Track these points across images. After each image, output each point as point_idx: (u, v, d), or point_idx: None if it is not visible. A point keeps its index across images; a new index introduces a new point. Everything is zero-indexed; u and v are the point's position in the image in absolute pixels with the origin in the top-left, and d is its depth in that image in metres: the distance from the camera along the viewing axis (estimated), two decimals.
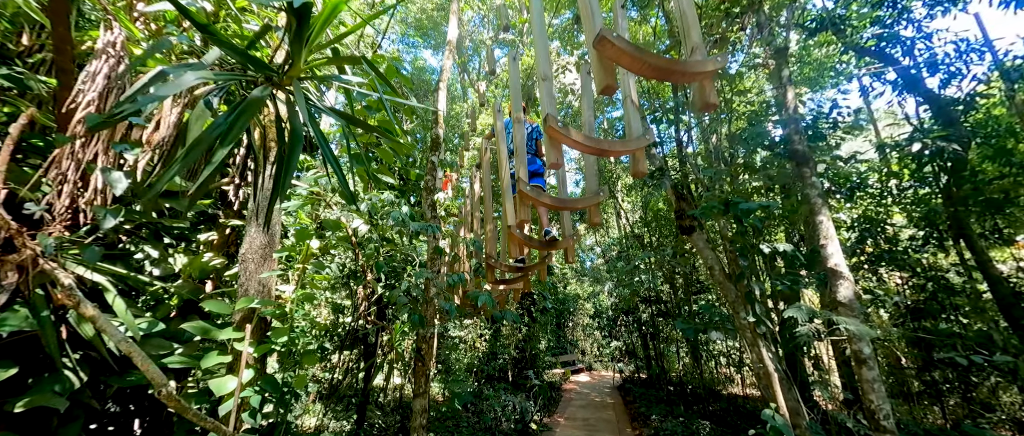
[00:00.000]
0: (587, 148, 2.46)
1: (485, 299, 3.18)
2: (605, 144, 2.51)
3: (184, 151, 1.34)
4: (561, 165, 2.37)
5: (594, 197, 3.01)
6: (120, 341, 1.77)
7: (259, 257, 3.12)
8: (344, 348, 5.31)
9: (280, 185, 1.36)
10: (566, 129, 2.37)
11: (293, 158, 1.42)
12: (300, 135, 1.46)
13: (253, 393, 2.65)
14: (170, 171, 1.31)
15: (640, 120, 2.72)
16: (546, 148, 2.43)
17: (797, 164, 3.80)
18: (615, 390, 13.22)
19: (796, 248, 3.61)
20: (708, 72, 1.97)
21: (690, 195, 4.72)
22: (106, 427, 3.76)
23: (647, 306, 12.10)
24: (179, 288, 3.63)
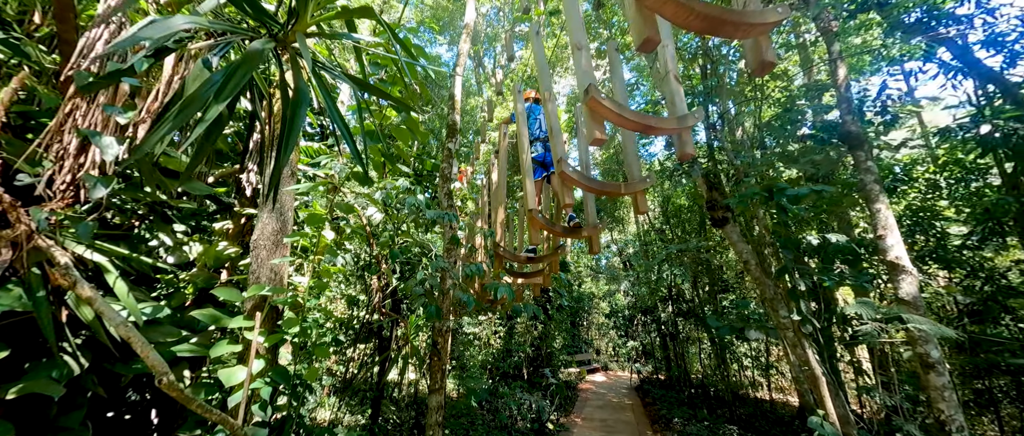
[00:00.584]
0: (632, 124, 2.22)
1: (504, 291, 2.99)
2: (651, 120, 2.27)
3: (176, 109, 1.18)
4: (604, 140, 2.14)
5: (641, 182, 2.77)
6: (119, 325, 1.65)
7: (271, 244, 3.00)
8: (359, 341, 5.21)
9: (284, 148, 1.19)
10: (611, 101, 2.14)
11: (297, 119, 1.25)
12: (304, 94, 1.28)
13: (263, 384, 2.53)
14: (160, 130, 1.15)
15: (683, 98, 2.47)
16: (587, 123, 2.22)
17: (850, 147, 3.46)
18: (633, 391, 12.88)
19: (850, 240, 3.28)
20: (768, 24, 1.70)
21: (721, 185, 4.41)
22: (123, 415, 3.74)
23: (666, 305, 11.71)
24: (193, 276, 3.56)
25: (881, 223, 3.14)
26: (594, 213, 3.66)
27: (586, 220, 3.73)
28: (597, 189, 2.74)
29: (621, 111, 2.18)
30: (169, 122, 1.17)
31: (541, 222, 3.25)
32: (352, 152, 1.43)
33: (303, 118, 1.24)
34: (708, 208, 4.14)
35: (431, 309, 2.88)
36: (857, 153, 3.40)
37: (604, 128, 2.23)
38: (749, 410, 8.48)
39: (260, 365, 2.58)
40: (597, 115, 2.21)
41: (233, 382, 2.40)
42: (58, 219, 1.75)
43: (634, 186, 2.63)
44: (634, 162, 2.78)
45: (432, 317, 2.85)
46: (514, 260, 3.96)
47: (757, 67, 1.70)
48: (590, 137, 2.19)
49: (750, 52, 1.75)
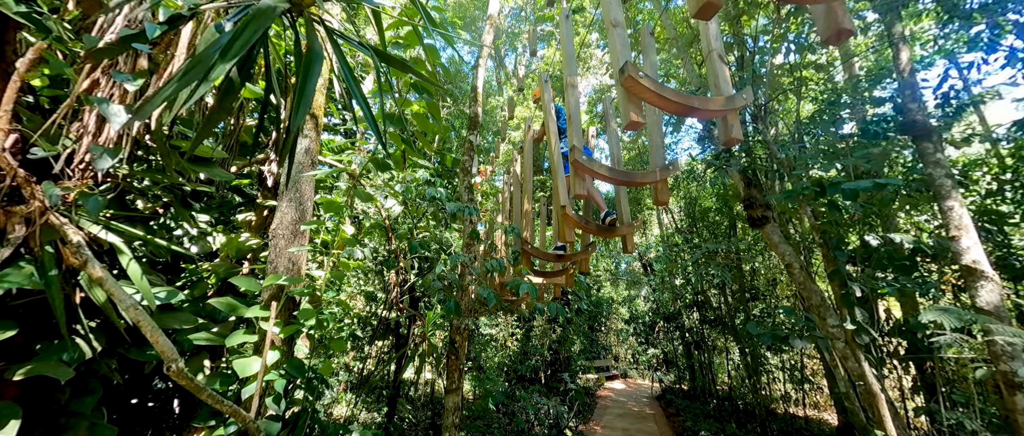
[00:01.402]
0: (673, 105, 2.02)
1: (527, 288, 2.82)
2: (695, 101, 2.06)
3: (182, 69, 1.07)
4: (642, 124, 1.95)
5: (664, 171, 2.56)
6: (129, 307, 1.58)
7: (289, 233, 2.94)
8: (376, 338, 5.15)
9: (296, 110, 1.07)
10: (649, 80, 1.95)
11: (309, 80, 1.13)
12: (317, 54, 1.16)
13: (278, 377, 2.45)
14: (164, 91, 1.05)
15: (728, 78, 2.25)
16: (622, 104, 2.03)
17: (915, 138, 3.12)
18: (654, 400, 12.40)
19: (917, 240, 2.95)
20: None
21: (760, 182, 4.10)
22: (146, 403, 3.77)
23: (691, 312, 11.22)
24: (216, 267, 3.56)
25: (954, 222, 2.79)
26: (628, 211, 3.45)
27: (621, 218, 3.52)
28: (615, 178, 2.54)
29: (660, 91, 1.98)
30: (174, 83, 1.07)
31: (575, 219, 3.06)
32: (370, 123, 1.30)
33: (315, 80, 1.12)
34: (746, 207, 3.84)
35: (450, 304, 2.75)
36: (924, 145, 3.06)
37: (641, 110, 2.04)
38: (781, 426, 7.96)
39: (275, 356, 2.51)
40: (634, 96, 2.02)
41: (247, 373, 2.33)
42: (75, 198, 1.70)
43: (656, 174, 2.41)
44: (658, 151, 2.56)
45: (450, 313, 2.72)
46: (543, 258, 3.78)
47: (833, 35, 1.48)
48: (626, 120, 2.00)
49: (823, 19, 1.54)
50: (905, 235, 2.78)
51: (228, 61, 1.07)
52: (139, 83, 1.47)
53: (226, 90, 1.31)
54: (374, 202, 2.82)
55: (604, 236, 3.50)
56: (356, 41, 1.43)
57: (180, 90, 1.09)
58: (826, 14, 1.54)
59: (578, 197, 2.55)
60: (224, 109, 1.29)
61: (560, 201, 2.98)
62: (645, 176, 2.63)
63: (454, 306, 2.76)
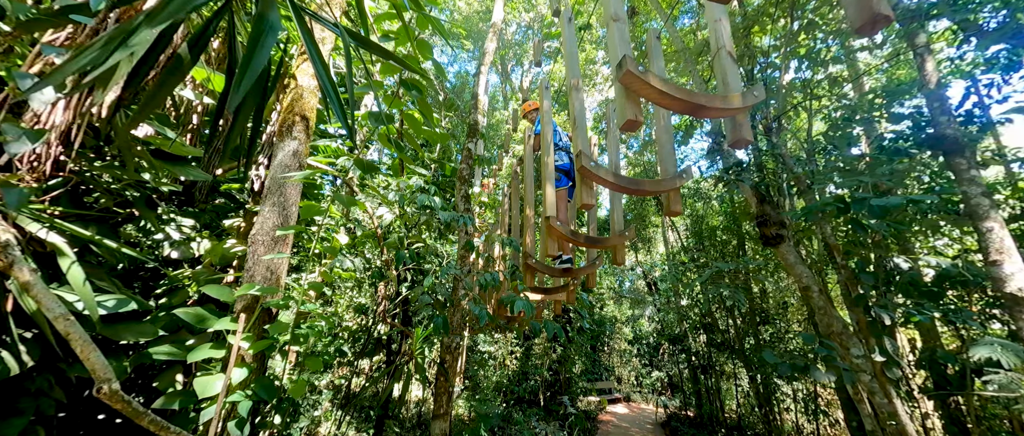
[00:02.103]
0: (677, 103, 1.83)
1: (523, 306, 2.59)
2: (701, 98, 1.87)
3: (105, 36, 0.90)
4: (641, 123, 1.76)
5: (676, 179, 2.35)
6: (58, 317, 1.38)
7: (270, 239, 2.75)
8: (365, 353, 4.89)
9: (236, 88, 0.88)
10: (651, 75, 1.77)
11: (257, 55, 0.95)
12: (271, 24, 0.98)
13: (244, 398, 2.21)
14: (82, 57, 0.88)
15: (738, 77, 2.07)
16: (620, 103, 1.85)
17: (945, 154, 2.90)
18: (659, 427, 11.83)
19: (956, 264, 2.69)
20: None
21: (773, 199, 3.87)
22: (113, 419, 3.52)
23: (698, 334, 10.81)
24: (196, 274, 3.37)
25: (995, 246, 2.54)
26: (621, 220, 3.24)
27: (613, 228, 3.31)
28: (624, 187, 2.33)
29: (663, 86, 1.79)
30: (94, 50, 0.89)
31: (560, 231, 2.86)
32: (336, 110, 1.12)
33: (266, 54, 0.95)
34: (759, 224, 3.61)
35: (438, 321, 2.52)
36: (956, 161, 2.83)
37: (641, 109, 1.85)
38: None
39: (242, 375, 2.28)
40: (633, 93, 1.84)
41: (208, 393, 2.10)
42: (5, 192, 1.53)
43: (667, 183, 2.21)
44: (668, 157, 2.36)
45: (438, 331, 2.49)
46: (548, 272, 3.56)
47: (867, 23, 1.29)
48: (622, 119, 1.81)
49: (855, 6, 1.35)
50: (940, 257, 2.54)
51: (154, 25, 0.89)
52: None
53: (171, 67, 1.14)
54: (360, 207, 2.64)
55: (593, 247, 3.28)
56: (326, 19, 1.27)
57: (102, 57, 0.91)
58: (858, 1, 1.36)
59: (585, 207, 2.35)
60: (168, 87, 1.12)
61: (546, 212, 2.79)
62: (655, 185, 2.43)
63: (443, 323, 2.53)
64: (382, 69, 2.60)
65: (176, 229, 3.65)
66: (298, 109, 3.20)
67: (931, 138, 3.06)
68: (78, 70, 0.89)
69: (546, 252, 3.11)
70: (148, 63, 1.24)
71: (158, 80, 1.07)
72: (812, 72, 4.99)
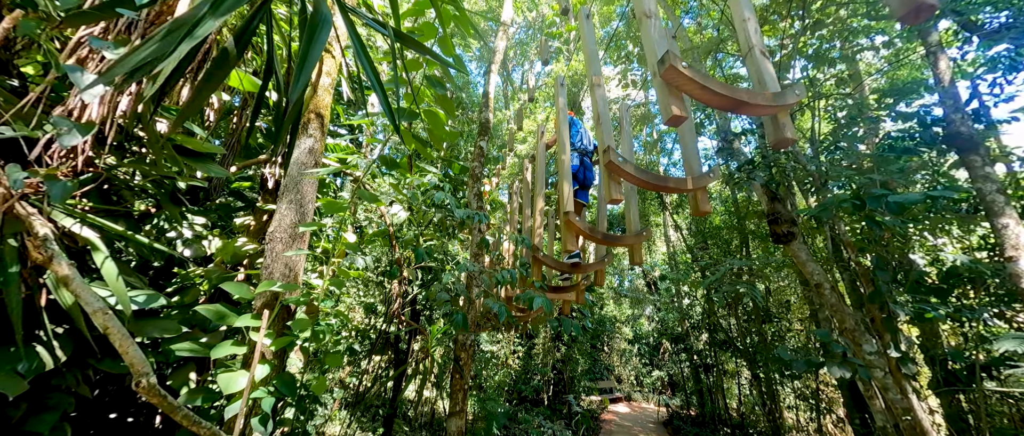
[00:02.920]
0: (720, 99, 1.84)
1: (542, 302, 2.60)
2: (744, 95, 1.88)
3: (163, 30, 0.91)
4: (685, 118, 1.78)
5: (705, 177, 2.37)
6: (97, 311, 1.38)
7: (288, 236, 2.75)
8: (374, 352, 4.89)
9: (296, 81, 0.89)
10: (694, 71, 1.79)
11: (313, 49, 0.96)
12: (326, 19, 0.99)
13: (266, 394, 2.21)
14: (141, 51, 0.88)
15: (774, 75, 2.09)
16: (662, 98, 1.87)
17: (959, 151, 2.94)
18: (661, 426, 11.87)
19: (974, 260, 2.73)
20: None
21: (784, 196, 3.90)
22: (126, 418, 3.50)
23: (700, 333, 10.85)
24: (209, 272, 3.36)
25: (1011, 241, 2.57)
26: (637, 220, 3.26)
27: (629, 227, 3.33)
28: (650, 183, 2.35)
29: (706, 82, 1.80)
30: (154, 42, 0.90)
31: (579, 226, 2.87)
32: (383, 105, 1.13)
33: (320, 47, 0.96)
34: (770, 222, 3.64)
35: (457, 317, 2.53)
36: (970, 158, 2.87)
37: (684, 104, 1.86)
38: None
39: (265, 371, 2.28)
40: (676, 89, 1.86)
41: (232, 390, 2.10)
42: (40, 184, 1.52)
43: (695, 182, 2.23)
44: (693, 156, 2.38)
45: (457, 327, 2.50)
46: (557, 267, 3.58)
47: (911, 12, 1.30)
48: (667, 114, 1.83)
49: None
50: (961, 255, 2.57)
51: (218, 16, 0.90)
52: (120, 51, 1.31)
53: (219, 60, 1.15)
54: (378, 204, 2.64)
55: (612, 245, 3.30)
56: (370, 17, 1.27)
57: (161, 51, 0.92)
58: None
59: (614, 201, 2.37)
60: (215, 80, 1.12)
61: (564, 208, 2.80)
62: (681, 183, 2.44)
63: (462, 319, 2.54)
64: (407, 64, 2.61)
65: (189, 227, 3.65)
66: (313, 106, 3.20)
67: (946, 136, 3.09)
68: (140, 62, 0.89)
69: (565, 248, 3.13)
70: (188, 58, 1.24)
71: (206, 74, 1.08)
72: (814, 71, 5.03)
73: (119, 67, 0.87)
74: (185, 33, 0.88)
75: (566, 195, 3.06)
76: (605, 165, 2.31)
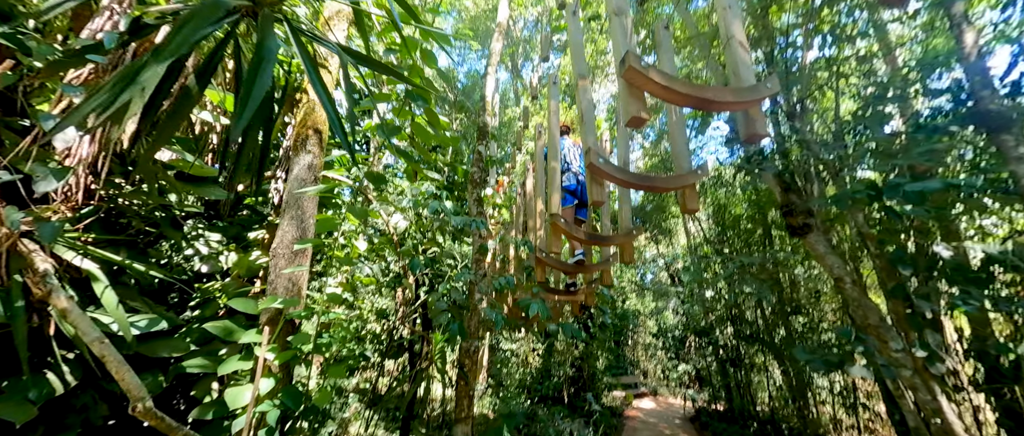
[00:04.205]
0: (683, 98, 1.77)
1: (538, 308, 2.57)
2: (709, 92, 1.80)
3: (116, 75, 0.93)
4: (647, 120, 1.71)
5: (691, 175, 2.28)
6: (94, 341, 1.46)
7: (289, 252, 2.84)
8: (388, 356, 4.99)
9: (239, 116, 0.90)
10: (655, 70, 1.71)
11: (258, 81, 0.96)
12: (269, 51, 0.99)
13: (272, 407, 2.30)
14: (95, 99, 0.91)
15: (751, 68, 1.97)
16: (624, 99, 1.80)
17: (990, 131, 2.68)
18: (687, 422, 11.60)
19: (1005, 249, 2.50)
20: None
21: (799, 187, 3.69)
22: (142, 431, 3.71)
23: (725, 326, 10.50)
24: (226, 286, 3.52)
25: None
26: (629, 218, 3.16)
27: (622, 225, 3.24)
28: (634, 183, 2.27)
29: (669, 82, 1.72)
30: (105, 90, 0.92)
31: (563, 228, 2.82)
32: (333, 125, 1.13)
33: (266, 80, 0.96)
34: (784, 214, 3.45)
35: (453, 327, 2.54)
36: (1002, 138, 2.61)
37: (645, 104, 1.79)
38: None
39: (269, 385, 2.36)
40: (636, 89, 1.78)
41: (237, 404, 2.19)
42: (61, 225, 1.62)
43: (682, 179, 2.13)
44: (683, 152, 2.28)
45: (452, 337, 2.51)
46: (560, 268, 3.55)
47: None
48: (627, 116, 1.76)
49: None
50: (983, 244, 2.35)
51: (161, 62, 0.92)
52: None
53: (182, 96, 1.17)
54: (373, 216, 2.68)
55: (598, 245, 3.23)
56: (324, 40, 1.27)
57: (113, 99, 0.94)
58: None
59: (596, 205, 2.31)
60: (178, 116, 1.15)
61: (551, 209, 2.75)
62: (669, 181, 2.35)
63: (459, 328, 2.55)
64: (388, 79, 2.62)
65: (205, 244, 3.82)
66: (311, 122, 3.28)
67: (973, 115, 2.83)
68: (93, 109, 0.92)
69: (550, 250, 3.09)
70: (161, 94, 1.28)
71: (170, 109, 1.11)
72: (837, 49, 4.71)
73: (75, 114, 0.90)
74: (128, 82, 0.90)
75: (555, 199, 3.01)
76: (588, 166, 2.25)
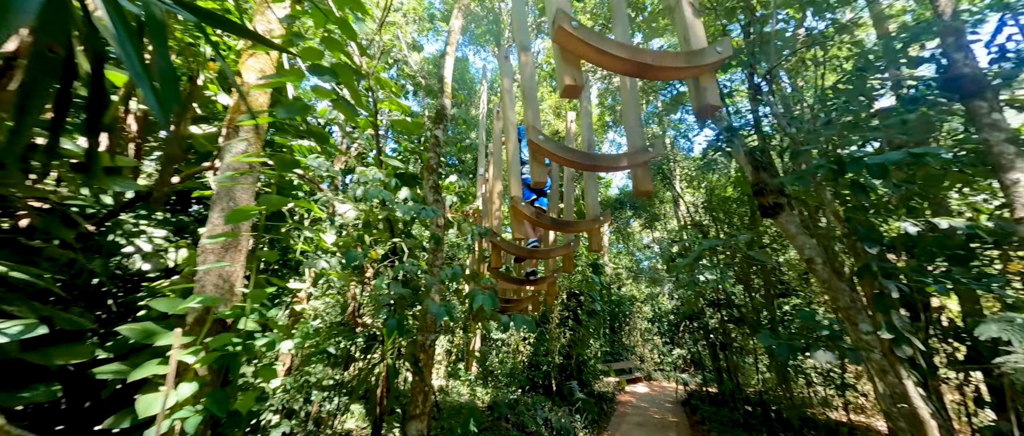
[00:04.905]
0: (620, 63, 1.55)
1: (483, 301, 2.40)
2: (648, 56, 1.59)
3: None
4: (580, 88, 1.51)
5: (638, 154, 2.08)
6: None
7: (220, 247, 2.65)
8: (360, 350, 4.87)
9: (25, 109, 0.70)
10: (587, 32, 1.50)
11: None
12: None
13: (193, 414, 2.15)
14: None
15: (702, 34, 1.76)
16: (557, 65, 1.59)
17: (963, 97, 2.48)
18: (679, 406, 11.62)
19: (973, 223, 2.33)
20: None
21: (772, 165, 3.50)
22: None
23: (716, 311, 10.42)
24: (175, 284, 3.35)
25: (1021, 200, 2.14)
26: (596, 203, 2.98)
27: (588, 210, 3.06)
28: (575, 161, 2.08)
29: (602, 45, 1.51)
30: None
31: (525, 213, 2.64)
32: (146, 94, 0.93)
33: None
34: (756, 193, 3.27)
35: (391, 322, 2.37)
36: (976, 104, 2.41)
37: (580, 70, 1.59)
38: None
39: (191, 389, 2.21)
40: (569, 54, 1.57)
41: (149, 412, 2.05)
42: None
43: (632, 158, 1.94)
44: (634, 128, 2.08)
45: (393, 331, 2.35)
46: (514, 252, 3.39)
47: None
48: (561, 84, 1.56)
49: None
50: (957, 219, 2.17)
51: None
52: None
53: None
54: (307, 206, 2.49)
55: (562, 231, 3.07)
56: None
57: None
58: None
59: (538, 185, 2.13)
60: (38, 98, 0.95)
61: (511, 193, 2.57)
62: (616, 159, 2.16)
63: (397, 324, 2.38)
64: (302, 54, 2.40)
65: (147, 241, 3.64)
66: (246, 108, 3.06)
67: (947, 80, 2.62)
68: None
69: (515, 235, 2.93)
70: None
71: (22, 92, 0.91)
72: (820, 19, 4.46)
73: None
74: None
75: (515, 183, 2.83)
76: (528, 143, 2.05)
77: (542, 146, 2.02)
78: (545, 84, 12.94)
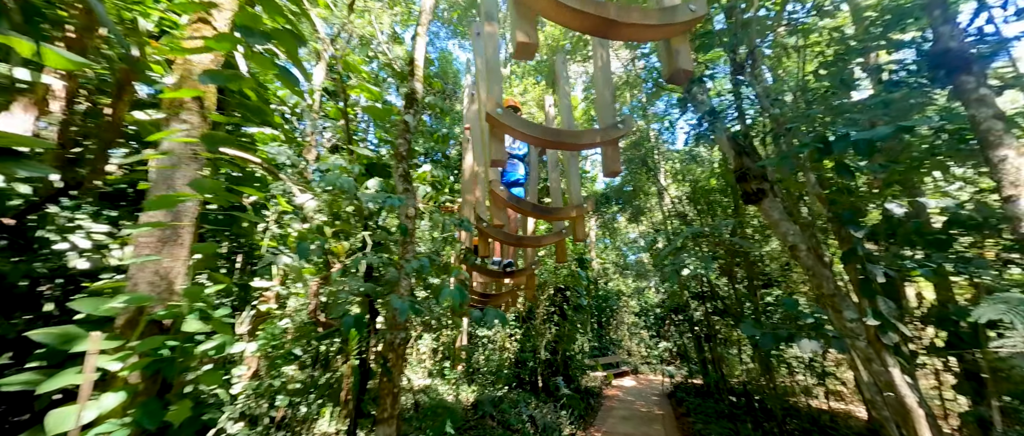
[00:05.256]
0: (580, 17, 1.36)
1: (450, 295, 2.21)
2: (612, 11, 1.40)
3: None
4: (533, 47, 1.32)
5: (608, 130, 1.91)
6: None
7: (156, 240, 2.39)
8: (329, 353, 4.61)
9: None
10: None
11: None
12: None
13: (119, 428, 1.90)
14: None
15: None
16: (512, 22, 1.40)
17: (948, 73, 2.38)
18: (665, 398, 11.68)
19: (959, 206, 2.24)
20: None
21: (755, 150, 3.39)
22: None
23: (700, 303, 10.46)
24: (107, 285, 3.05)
25: (1009, 178, 2.05)
26: (578, 191, 2.81)
27: (570, 197, 2.89)
28: (537, 138, 1.90)
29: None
30: None
31: (504, 200, 2.46)
32: None
33: None
34: (738, 179, 3.15)
35: (347, 320, 2.16)
36: (961, 79, 2.31)
37: (535, 27, 1.40)
38: (804, 424, 7.20)
39: (118, 400, 1.96)
40: (525, 8, 1.38)
41: (61, 429, 1.79)
42: None
43: (597, 135, 1.78)
44: (606, 104, 1.92)
45: (347, 330, 2.13)
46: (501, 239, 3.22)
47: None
48: (515, 42, 1.37)
49: None
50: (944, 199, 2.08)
51: None
52: None
53: None
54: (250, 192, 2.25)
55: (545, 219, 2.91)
56: None
57: None
58: None
59: (495, 164, 1.94)
60: None
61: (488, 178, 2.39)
62: (582, 136, 1.99)
63: (356, 321, 2.17)
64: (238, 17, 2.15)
65: (85, 236, 3.32)
66: (188, 88, 2.77)
67: (933, 54, 2.52)
68: None
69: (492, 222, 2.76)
70: None
71: None
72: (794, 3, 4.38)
73: None
74: None
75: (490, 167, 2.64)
76: (487, 120, 1.86)
77: (501, 121, 1.84)
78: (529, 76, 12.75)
